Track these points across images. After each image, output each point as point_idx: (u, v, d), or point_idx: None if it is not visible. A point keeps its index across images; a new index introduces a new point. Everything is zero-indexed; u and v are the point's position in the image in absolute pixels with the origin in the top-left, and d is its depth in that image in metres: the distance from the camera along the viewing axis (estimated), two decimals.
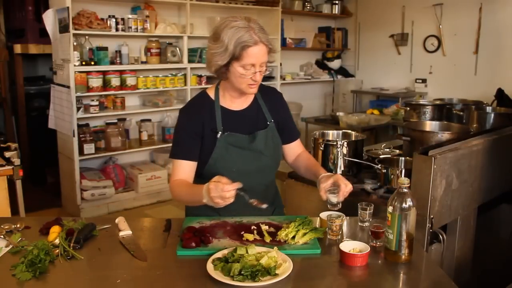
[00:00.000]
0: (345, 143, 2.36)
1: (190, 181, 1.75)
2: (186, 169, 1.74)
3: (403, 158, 2.37)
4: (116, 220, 1.67)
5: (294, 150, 1.94)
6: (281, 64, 5.59)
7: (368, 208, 1.66)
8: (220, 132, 1.72)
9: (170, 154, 1.77)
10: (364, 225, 1.66)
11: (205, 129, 1.73)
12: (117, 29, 4.22)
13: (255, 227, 1.62)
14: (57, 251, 1.42)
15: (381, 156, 2.42)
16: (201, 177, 1.75)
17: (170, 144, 5.07)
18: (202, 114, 1.74)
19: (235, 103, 1.79)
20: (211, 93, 1.79)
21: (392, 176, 2.17)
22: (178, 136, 1.77)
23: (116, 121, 4.43)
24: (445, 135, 2.30)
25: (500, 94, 4.16)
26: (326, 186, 1.63)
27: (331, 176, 1.66)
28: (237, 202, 1.66)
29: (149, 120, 4.70)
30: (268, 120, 1.82)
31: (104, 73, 4.18)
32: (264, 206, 1.58)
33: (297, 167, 1.94)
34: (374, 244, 1.52)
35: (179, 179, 1.73)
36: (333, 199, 1.56)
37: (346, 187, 1.61)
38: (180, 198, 1.72)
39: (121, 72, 4.27)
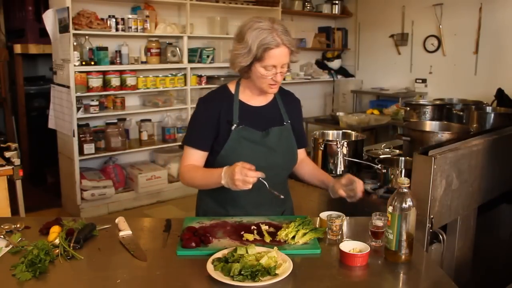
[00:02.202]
0: (345, 143, 2.36)
1: None
2: (196, 157, 1.76)
3: (403, 158, 2.37)
4: (116, 220, 1.67)
5: (299, 156, 1.95)
6: None
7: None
8: (235, 125, 1.74)
9: (183, 140, 1.81)
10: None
11: (221, 121, 1.75)
12: (117, 29, 4.22)
13: (255, 227, 1.62)
14: (57, 251, 1.42)
15: (381, 156, 2.42)
16: (212, 167, 1.76)
17: (170, 144, 5.11)
18: (220, 106, 1.76)
19: (254, 99, 1.82)
20: (232, 87, 1.82)
21: (392, 176, 2.17)
22: (194, 125, 1.80)
23: (116, 121, 4.43)
24: (445, 135, 2.30)
25: (500, 94, 4.15)
26: (342, 184, 1.75)
27: (342, 177, 1.78)
28: (247, 198, 1.75)
29: (149, 120, 4.70)
30: (284, 120, 1.85)
31: (104, 73, 4.18)
32: (282, 196, 1.63)
33: (301, 173, 1.98)
34: (374, 244, 1.52)
35: (191, 164, 1.75)
36: (379, 222, 1.54)
37: (359, 182, 1.74)
38: (193, 181, 1.73)
39: (121, 72, 4.27)
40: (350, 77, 6.40)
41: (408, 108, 3.35)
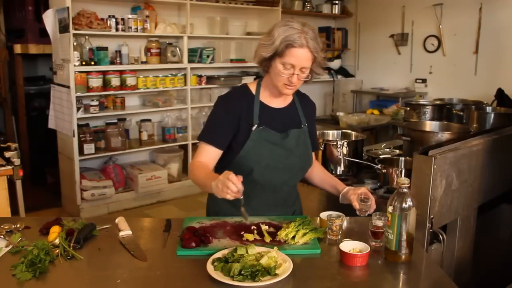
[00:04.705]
0: (345, 143, 2.36)
1: (211, 167, 1.76)
2: (210, 154, 1.75)
3: (403, 158, 2.37)
4: (116, 220, 1.67)
5: None
6: None
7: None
8: (255, 125, 1.74)
9: (199, 136, 1.79)
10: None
11: (241, 121, 1.75)
12: (117, 29, 4.22)
13: (255, 227, 1.62)
14: (57, 251, 1.42)
15: (381, 156, 2.42)
16: (229, 166, 1.76)
17: (170, 144, 5.11)
18: (241, 106, 1.76)
19: (274, 100, 1.82)
20: (252, 87, 1.82)
21: (392, 176, 2.17)
22: (213, 122, 1.78)
23: (116, 121, 4.43)
24: (445, 135, 2.30)
25: (500, 94, 4.15)
26: (358, 196, 1.70)
27: (358, 188, 1.75)
28: (261, 200, 1.76)
29: (149, 120, 4.70)
30: (302, 123, 1.85)
31: (104, 73, 4.17)
32: (248, 221, 1.63)
33: (311, 176, 1.98)
34: (374, 244, 1.52)
35: (202, 161, 1.74)
36: (379, 222, 1.54)
37: (373, 199, 1.71)
38: (196, 180, 1.72)
39: (121, 72, 4.27)
40: (350, 77, 6.40)
41: (408, 108, 3.36)
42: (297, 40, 1.61)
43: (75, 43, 3.96)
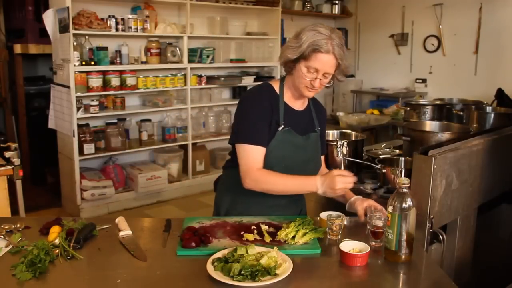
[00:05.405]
0: (345, 143, 2.36)
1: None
2: (260, 155, 1.73)
3: (403, 158, 2.37)
4: (116, 220, 1.67)
5: None
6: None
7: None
8: (282, 126, 1.75)
9: (240, 139, 1.73)
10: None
11: (272, 119, 1.75)
12: (117, 29, 4.22)
13: (255, 227, 1.62)
14: (57, 251, 1.42)
15: (381, 156, 2.42)
16: None
17: (170, 144, 5.10)
18: (271, 105, 1.77)
19: (295, 102, 1.84)
20: (276, 88, 1.82)
21: (392, 176, 2.17)
22: (251, 121, 1.74)
23: (116, 121, 4.43)
24: (445, 135, 2.30)
25: (500, 94, 4.16)
26: (365, 210, 1.70)
27: (365, 200, 1.76)
28: (272, 200, 1.79)
29: (149, 120, 4.70)
30: (316, 126, 1.88)
31: (104, 73, 4.17)
32: None
33: None
34: (374, 244, 1.52)
35: (260, 167, 1.71)
36: (379, 222, 1.54)
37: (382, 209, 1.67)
38: (273, 187, 1.70)
39: (121, 72, 4.27)
40: (350, 77, 6.40)
41: (408, 108, 3.35)
42: (324, 45, 1.63)
43: (75, 43, 3.96)
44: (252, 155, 1.71)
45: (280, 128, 1.75)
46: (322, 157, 1.99)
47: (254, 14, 5.45)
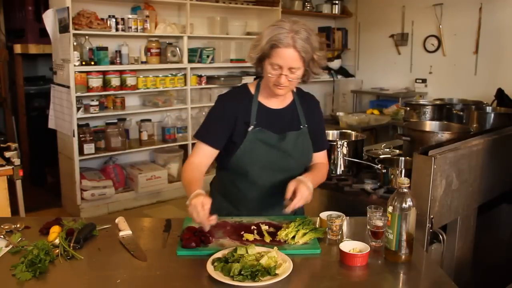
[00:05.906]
0: (345, 143, 2.36)
1: (205, 167, 1.78)
2: (205, 153, 1.75)
3: (403, 158, 2.37)
4: (116, 220, 1.67)
5: (315, 160, 1.90)
6: None
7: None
8: (252, 126, 1.73)
9: (195, 134, 1.79)
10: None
11: (238, 121, 1.74)
12: (117, 29, 4.22)
13: (255, 227, 1.62)
14: (57, 251, 1.42)
15: (381, 156, 2.42)
16: (226, 168, 1.78)
17: (170, 144, 5.11)
18: (239, 106, 1.75)
19: (272, 101, 1.80)
20: (252, 88, 1.81)
21: (392, 176, 2.17)
22: (210, 120, 1.78)
23: (116, 121, 4.43)
24: (445, 135, 2.30)
25: (500, 94, 4.16)
26: (295, 190, 1.60)
27: (299, 181, 1.62)
28: (260, 201, 1.77)
29: (149, 120, 4.70)
30: (301, 124, 1.82)
31: (104, 73, 4.17)
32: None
33: None
34: (374, 244, 1.52)
35: (194, 162, 1.75)
36: (379, 222, 1.51)
37: (301, 199, 1.58)
38: (183, 183, 1.75)
39: (121, 72, 4.27)
40: (350, 77, 6.40)
41: (408, 108, 3.36)
42: (282, 40, 1.57)
43: (75, 43, 3.96)
44: (196, 150, 1.77)
45: (250, 128, 1.72)
46: (320, 153, 1.90)
47: (254, 14, 5.45)
